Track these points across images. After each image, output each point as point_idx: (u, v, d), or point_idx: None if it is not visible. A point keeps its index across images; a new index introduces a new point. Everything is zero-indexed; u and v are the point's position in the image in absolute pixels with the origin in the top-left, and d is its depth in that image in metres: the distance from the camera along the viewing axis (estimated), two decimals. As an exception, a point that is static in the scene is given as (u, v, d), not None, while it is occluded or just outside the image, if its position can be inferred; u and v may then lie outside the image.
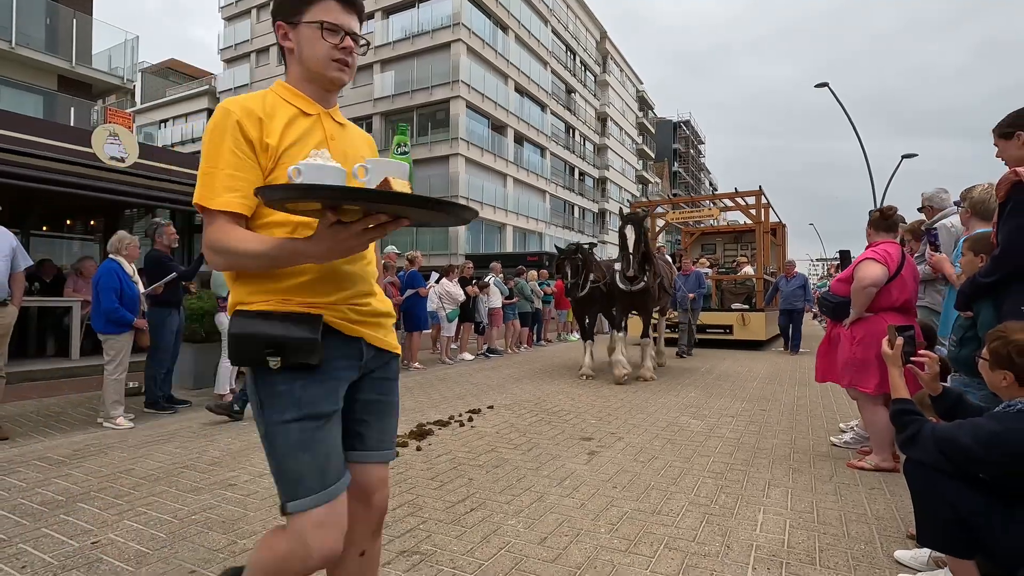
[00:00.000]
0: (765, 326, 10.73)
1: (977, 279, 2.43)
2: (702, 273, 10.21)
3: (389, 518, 2.60)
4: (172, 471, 3.30)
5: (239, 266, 1.23)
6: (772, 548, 2.33)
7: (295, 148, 1.26)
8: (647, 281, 6.60)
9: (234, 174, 1.21)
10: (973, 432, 1.72)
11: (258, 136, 1.24)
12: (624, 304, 6.98)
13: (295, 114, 1.31)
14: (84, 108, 13.04)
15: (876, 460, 3.35)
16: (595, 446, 3.90)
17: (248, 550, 2.26)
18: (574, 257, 7.07)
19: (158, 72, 38.30)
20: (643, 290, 6.62)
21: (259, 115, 1.25)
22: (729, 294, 11.88)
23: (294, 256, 1.14)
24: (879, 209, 3.48)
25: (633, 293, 6.65)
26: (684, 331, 9.68)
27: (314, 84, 1.36)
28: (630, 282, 6.57)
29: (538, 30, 31.49)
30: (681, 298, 9.49)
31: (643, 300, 6.77)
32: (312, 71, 1.34)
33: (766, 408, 5.25)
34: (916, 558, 2.15)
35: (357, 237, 1.07)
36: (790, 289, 10.18)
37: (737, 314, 10.93)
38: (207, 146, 1.23)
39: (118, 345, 4.46)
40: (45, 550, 2.26)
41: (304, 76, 1.36)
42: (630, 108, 46.86)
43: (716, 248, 14.93)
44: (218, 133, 1.22)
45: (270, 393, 1.24)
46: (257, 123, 1.25)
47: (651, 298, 6.85)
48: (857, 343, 3.36)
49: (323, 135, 1.34)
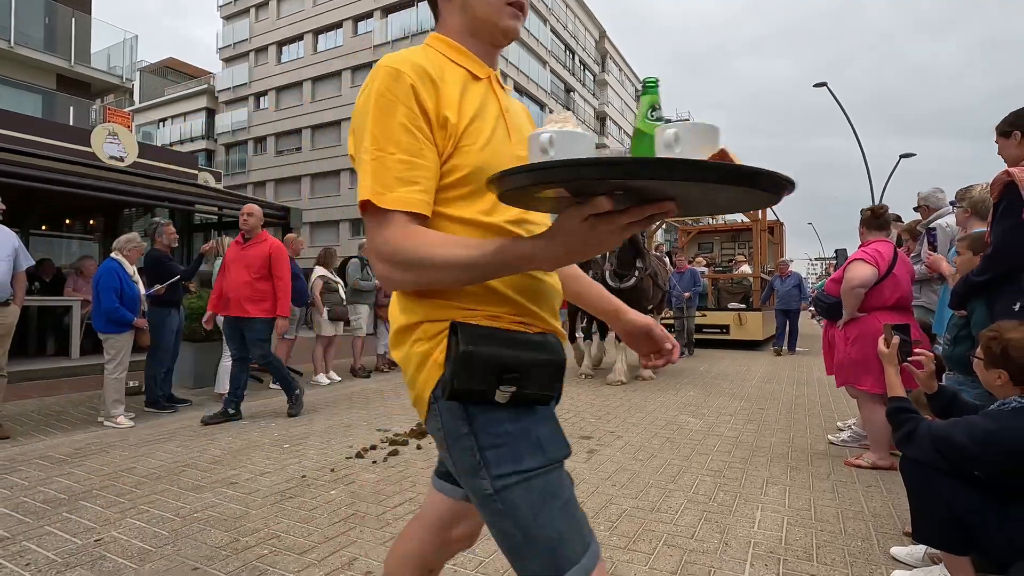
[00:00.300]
0: (762, 326, 10.61)
1: (970, 278, 2.46)
2: (698, 271, 10.01)
3: (390, 515, 2.63)
4: (173, 469, 3.31)
5: (433, 282, 0.91)
6: (770, 545, 2.36)
7: (475, 125, 0.96)
8: (638, 277, 6.28)
9: (411, 160, 0.89)
10: (968, 430, 1.74)
11: (434, 107, 0.92)
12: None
13: (466, 78, 1.00)
14: (83, 107, 13.04)
15: (873, 458, 3.37)
16: (594, 444, 3.92)
17: (250, 548, 2.28)
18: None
19: (156, 71, 38.26)
20: (634, 287, 6.29)
21: (433, 77, 0.93)
22: (726, 293, 11.70)
23: (521, 262, 0.85)
24: (870, 208, 3.50)
25: (623, 291, 6.21)
26: (679, 331, 9.45)
27: (480, 39, 1.04)
28: (620, 279, 6.28)
29: (537, 29, 31.50)
30: (676, 297, 9.26)
31: (635, 298, 6.22)
32: (481, 19, 1.02)
33: (764, 407, 5.27)
34: (912, 554, 2.17)
35: (621, 231, 0.76)
36: (785, 289, 10.07)
37: (734, 314, 10.78)
38: (371, 120, 0.90)
39: (118, 344, 4.47)
40: (48, 548, 2.28)
41: (468, 27, 1.03)
42: (629, 107, 46.89)
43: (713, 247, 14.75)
44: (387, 102, 0.90)
45: (496, 436, 0.92)
46: (432, 90, 0.92)
47: (643, 296, 6.46)
48: (851, 343, 3.38)
49: (498, 107, 1.03)
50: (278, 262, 4.66)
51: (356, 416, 4.81)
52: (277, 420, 4.63)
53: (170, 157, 12.19)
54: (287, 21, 30.31)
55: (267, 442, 3.94)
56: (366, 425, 4.47)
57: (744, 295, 11.30)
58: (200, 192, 9.13)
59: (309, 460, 3.52)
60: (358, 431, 4.27)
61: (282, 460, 3.51)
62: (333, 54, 28.84)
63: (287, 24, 30.30)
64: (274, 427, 4.39)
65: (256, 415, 4.81)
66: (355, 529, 2.48)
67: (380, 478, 3.18)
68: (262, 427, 4.38)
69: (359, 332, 7.11)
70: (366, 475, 3.23)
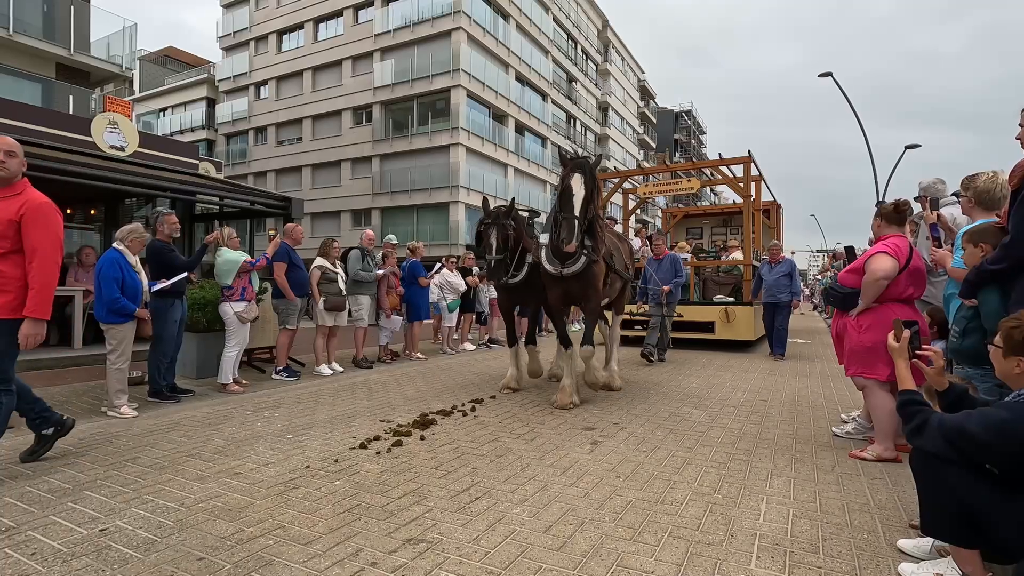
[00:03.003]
0: (754, 323, 8.83)
1: (984, 266, 2.43)
2: (679, 258, 8.05)
3: (394, 506, 2.62)
4: (177, 460, 3.31)
5: None
6: (775, 537, 2.35)
7: None
8: (588, 260, 4.57)
9: None
10: (983, 420, 1.72)
11: None
12: (555, 295, 4.87)
13: None
14: (83, 96, 12.96)
15: (879, 450, 3.37)
16: (597, 436, 3.92)
17: (256, 538, 2.28)
18: (503, 224, 4.95)
19: (156, 60, 38.01)
20: (580, 274, 4.60)
21: None
22: (713, 284, 9.84)
23: None
24: (893, 203, 3.48)
25: (566, 279, 4.64)
26: (654, 328, 7.67)
27: None
28: (561, 261, 4.58)
29: (539, 18, 31.22)
30: (654, 291, 7.66)
31: (582, 289, 4.70)
32: None
33: (767, 399, 5.26)
34: (919, 547, 2.16)
35: None
36: (773, 278, 8.03)
37: (720, 308, 8.84)
38: None
39: (120, 335, 4.45)
40: (54, 537, 2.27)
41: None
42: (631, 98, 46.59)
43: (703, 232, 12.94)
44: None
45: None
46: None
47: (592, 286, 4.72)
48: (865, 330, 3.38)
49: None
50: (34, 227, 2.86)
51: (359, 407, 4.81)
52: (280, 411, 4.63)
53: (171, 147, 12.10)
54: (287, 9, 30.04)
55: (270, 433, 3.94)
56: (369, 415, 4.47)
57: (735, 286, 9.49)
58: (201, 182, 9.08)
59: (313, 451, 3.51)
60: (361, 422, 4.27)
61: (286, 451, 3.51)
62: (334, 43, 28.61)
63: (287, 12, 30.03)
64: (277, 418, 4.39)
65: (259, 406, 4.81)
66: (360, 520, 2.48)
67: (384, 469, 3.18)
68: (266, 418, 4.38)
69: (361, 323, 7.11)
70: (370, 466, 3.23)
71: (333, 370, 6.55)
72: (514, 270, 5.14)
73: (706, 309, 9.03)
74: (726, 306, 8.86)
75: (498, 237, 4.89)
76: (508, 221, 4.99)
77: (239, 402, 4.94)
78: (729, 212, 12.69)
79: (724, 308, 8.83)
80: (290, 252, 6.21)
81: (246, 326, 5.61)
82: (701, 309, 9.06)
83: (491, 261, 4.89)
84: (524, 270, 5.16)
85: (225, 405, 4.82)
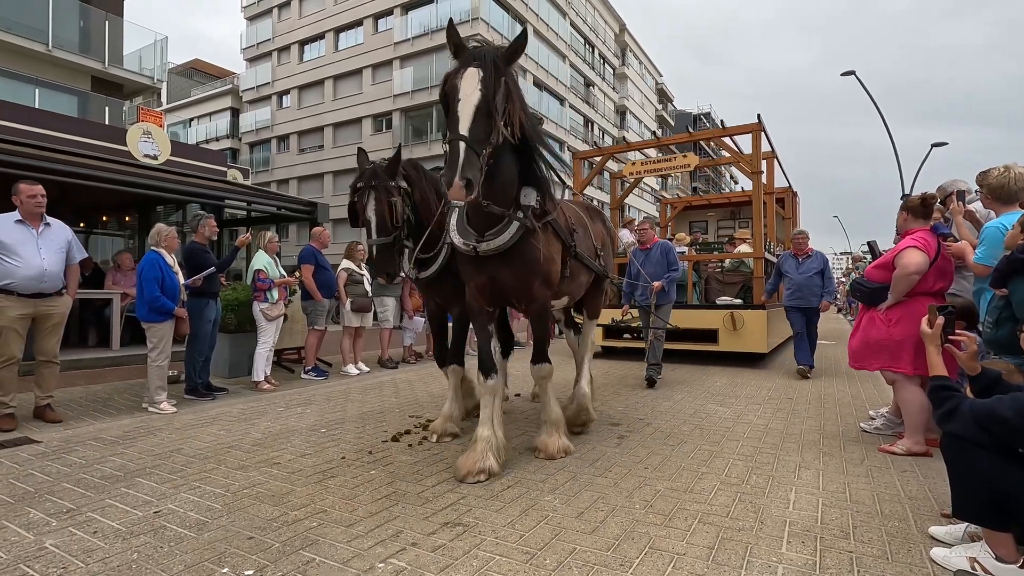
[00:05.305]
0: (767, 331, 6.94)
1: (1016, 255, 2.43)
2: (672, 247, 6.10)
3: (429, 493, 2.71)
4: (219, 451, 3.45)
5: None
6: (806, 524, 2.38)
7: None
8: (522, 227, 2.84)
9: None
10: (1014, 404, 1.75)
11: None
12: (474, 286, 3.09)
13: None
14: (116, 107, 13.42)
15: (908, 444, 3.36)
16: (624, 431, 3.96)
17: (300, 520, 2.38)
18: (386, 186, 3.27)
19: (183, 72, 39.03)
20: (510, 251, 2.86)
21: None
22: (717, 283, 8.07)
23: None
24: (920, 196, 3.47)
25: (486, 260, 2.92)
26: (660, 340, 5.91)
27: None
28: (478, 232, 2.88)
29: (556, 23, 31.37)
30: (643, 289, 5.81)
31: (516, 276, 2.95)
32: None
33: (792, 396, 5.25)
34: (951, 533, 2.18)
35: None
36: (803, 276, 6.33)
37: (724, 313, 7.00)
38: None
39: (160, 332, 4.63)
40: (112, 518, 2.41)
41: None
42: (649, 101, 46.43)
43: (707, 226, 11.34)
44: None
45: None
46: None
47: (532, 272, 2.96)
48: (895, 323, 3.39)
49: None
50: None
51: (388, 403, 4.92)
52: (312, 407, 4.76)
53: (200, 155, 12.47)
54: (309, 20, 30.66)
55: (304, 427, 4.06)
56: (398, 412, 4.57)
57: (743, 285, 7.73)
58: (229, 188, 9.35)
59: (347, 443, 3.62)
60: (391, 417, 4.37)
61: (321, 443, 3.63)
62: (354, 52, 29.10)
63: (309, 23, 30.65)
64: (310, 413, 4.52)
65: (291, 403, 4.95)
66: (397, 505, 2.57)
67: (417, 460, 3.27)
68: (299, 414, 4.51)
69: (386, 324, 7.25)
70: (403, 457, 3.32)
71: (360, 370, 6.68)
72: (423, 255, 3.45)
73: (707, 314, 7.18)
74: (732, 310, 7.03)
75: (379, 208, 3.22)
76: (395, 181, 3.30)
77: (271, 399, 5.09)
78: (738, 202, 10.80)
79: (730, 312, 6.96)
80: (316, 255, 6.37)
81: (276, 323, 5.78)
82: (700, 314, 7.20)
83: (372, 247, 3.23)
84: (443, 254, 3.45)
85: (259, 402, 4.97)
